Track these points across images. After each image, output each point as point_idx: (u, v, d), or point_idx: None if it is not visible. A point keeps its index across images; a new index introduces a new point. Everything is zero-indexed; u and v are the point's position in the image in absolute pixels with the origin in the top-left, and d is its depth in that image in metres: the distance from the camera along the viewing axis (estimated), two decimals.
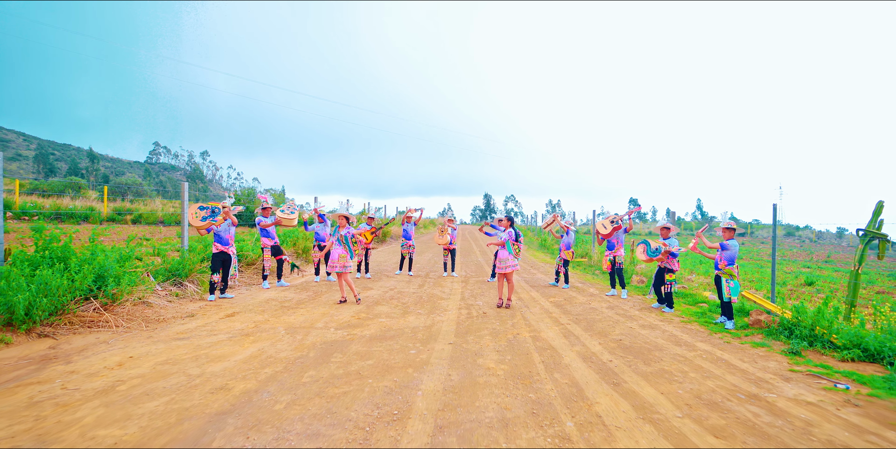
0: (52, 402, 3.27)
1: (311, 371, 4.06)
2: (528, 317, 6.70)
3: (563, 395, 3.69)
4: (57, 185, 32.52)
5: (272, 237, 8.47)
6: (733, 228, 6.65)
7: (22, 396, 3.35)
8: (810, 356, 5.16)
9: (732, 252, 6.43)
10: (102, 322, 5.46)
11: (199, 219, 6.99)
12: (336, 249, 7.18)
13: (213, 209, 7.08)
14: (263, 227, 8.38)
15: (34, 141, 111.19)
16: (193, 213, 7.04)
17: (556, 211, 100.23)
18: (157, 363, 4.16)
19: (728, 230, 6.63)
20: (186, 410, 3.19)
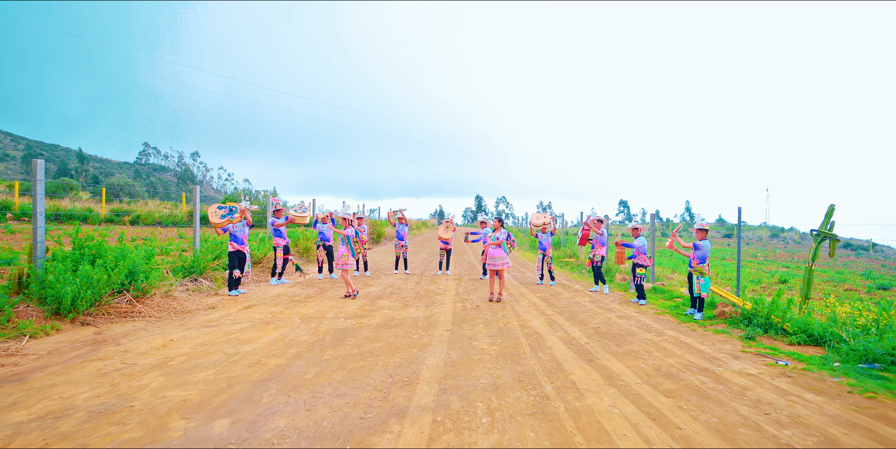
0: (118, 373, 3.91)
1: (329, 351, 4.73)
2: (517, 309, 7.41)
3: (545, 368, 4.39)
4: (49, 186, 32.66)
5: (284, 237, 9.11)
6: (705, 230, 7.40)
7: (91, 369, 3.99)
8: (763, 341, 5.91)
9: (704, 252, 7.18)
10: (135, 313, 6.07)
11: (219, 217, 7.61)
12: (340, 248, 7.84)
13: (231, 208, 7.71)
14: (276, 226, 9.04)
15: (22, 141, 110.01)
16: (213, 211, 7.66)
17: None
18: (196, 345, 4.80)
19: (701, 231, 7.38)
20: (233, 378, 3.85)
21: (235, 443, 2.74)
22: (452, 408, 3.36)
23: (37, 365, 4.09)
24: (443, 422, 3.12)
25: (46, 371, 3.92)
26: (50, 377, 3.77)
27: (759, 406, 3.60)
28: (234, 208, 7.76)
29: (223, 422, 3.01)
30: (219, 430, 2.90)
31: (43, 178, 6.10)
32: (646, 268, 8.35)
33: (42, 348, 4.58)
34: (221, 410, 3.19)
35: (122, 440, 2.73)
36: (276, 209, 9.16)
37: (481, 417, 3.21)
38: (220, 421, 3.03)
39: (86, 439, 2.73)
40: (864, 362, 4.91)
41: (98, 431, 2.85)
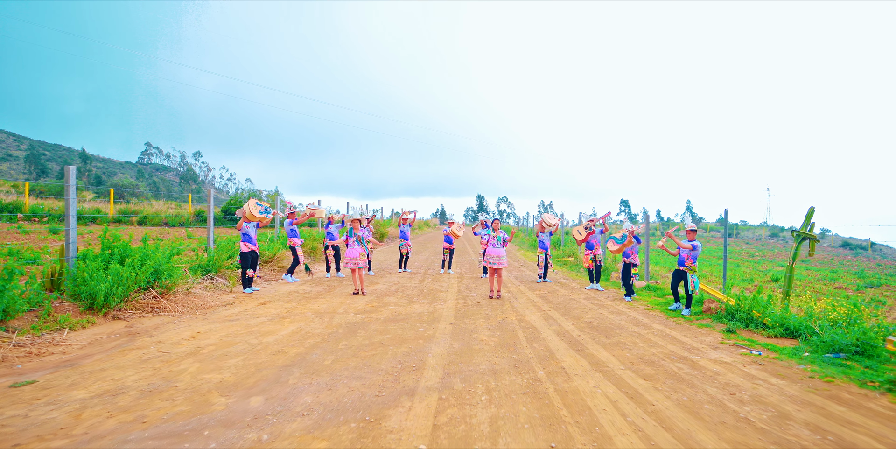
0: (157, 359, 4.39)
1: (343, 341, 5.20)
2: (515, 305, 7.88)
3: (539, 356, 4.86)
4: (53, 186, 33.19)
5: (298, 237, 9.62)
6: (695, 230, 7.89)
7: (132, 356, 4.46)
8: (743, 334, 6.38)
9: (698, 251, 7.66)
10: (160, 308, 6.55)
11: (257, 212, 8.20)
12: (355, 248, 8.32)
13: (267, 208, 8.31)
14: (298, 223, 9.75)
15: (25, 141, 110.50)
16: (252, 206, 8.25)
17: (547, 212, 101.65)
18: (222, 336, 5.27)
19: (691, 232, 7.87)
20: (260, 364, 4.32)
21: (272, 414, 3.21)
22: (455, 388, 3.83)
23: (82, 353, 4.57)
24: (447, 399, 3.59)
25: (92, 358, 4.40)
26: (97, 363, 4.25)
27: (727, 388, 4.06)
28: (268, 208, 8.35)
29: (258, 398, 3.49)
30: (255, 404, 3.38)
31: (75, 183, 6.58)
32: (637, 266, 8.83)
33: (82, 339, 5.05)
34: (254, 390, 3.67)
35: (174, 412, 3.21)
36: (291, 211, 9.69)
37: (480, 396, 3.68)
38: (255, 398, 3.50)
39: (143, 411, 3.20)
40: (831, 352, 5.37)
41: (152, 405, 3.32)
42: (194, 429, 2.96)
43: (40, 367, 4.13)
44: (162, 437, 2.84)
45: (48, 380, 3.78)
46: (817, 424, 3.37)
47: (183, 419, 3.09)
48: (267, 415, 3.20)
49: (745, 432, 3.18)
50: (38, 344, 4.70)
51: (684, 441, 3.01)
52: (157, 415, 3.15)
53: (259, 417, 3.15)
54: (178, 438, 2.83)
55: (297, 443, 2.81)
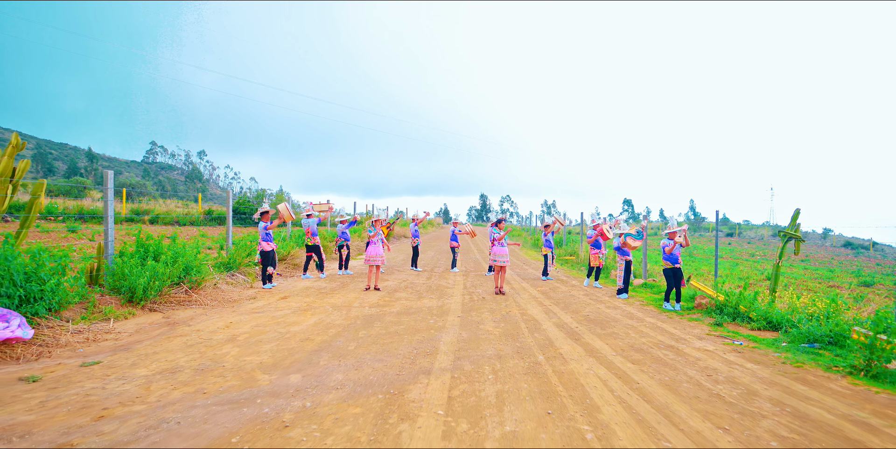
0: (200, 345, 4.95)
1: (362, 331, 5.75)
2: (518, 301, 8.42)
3: (539, 344, 5.41)
4: (62, 186, 33.89)
5: (316, 236, 10.24)
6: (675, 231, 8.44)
7: (178, 342, 5.03)
8: (729, 327, 6.90)
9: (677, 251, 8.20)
10: (191, 301, 7.12)
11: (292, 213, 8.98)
12: (375, 246, 8.91)
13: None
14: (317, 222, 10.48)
15: (32, 140, 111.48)
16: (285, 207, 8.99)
17: (551, 212, 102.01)
18: (253, 326, 5.84)
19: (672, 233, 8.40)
20: (292, 348, 4.88)
21: (310, 388, 3.76)
22: (465, 369, 4.38)
23: (132, 340, 5.13)
24: (459, 377, 4.13)
25: (143, 344, 4.96)
26: (149, 348, 4.81)
27: (705, 371, 4.59)
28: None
29: (296, 376, 4.04)
30: (294, 380, 3.93)
31: (112, 186, 7.15)
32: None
33: (128, 328, 5.62)
34: (291, 369, 4.22)
35: (227, 386, 3.76)
36: (309, 214, 10.30)
37: (487, 375, 4.23)
38: (294, 375, 4.06)
39: (201, 385, 3.76)
40: (806, 342, 5.89)
41: (207, 380, 3.88)
42: (248, 398, 3.51)
43: (99, 351, 4.69)
44: (222, 404, 3.40)
45: (111, 361, 4.34)
46: (780, 399, 3.90)
47: (236, 391, 3.65)
48: (306, 388, 3.75)
49: (715, 405, 3.71)
50: (92, 331, 5.28)
51: (661, 410, 3.54)
52: (214, 387, 3.71)
53: (300, 390, 3.71)
54: (236, 404, 3.39)
55: (335, 410, 3.36)
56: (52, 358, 4.40)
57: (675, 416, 3.46)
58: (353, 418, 3.22)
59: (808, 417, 3.52)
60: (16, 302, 4.93)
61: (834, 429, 3.33)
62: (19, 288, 4.97)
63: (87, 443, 2.76)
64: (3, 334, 4.36)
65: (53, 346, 4.72)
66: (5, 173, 5.82)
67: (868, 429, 3.35)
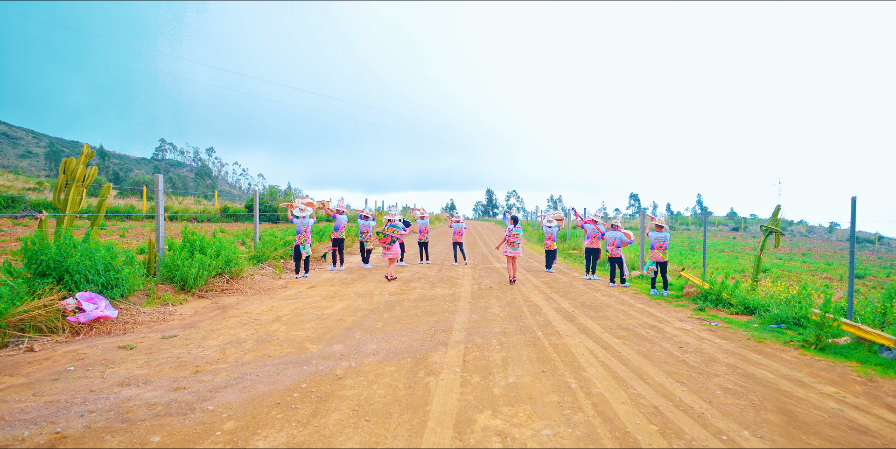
0: (252, 324, 5.89)
1: (386, 314, 6.67)
2: (522, 290, 9.30)
3: (539, 324, 6.30)
4: None
5: (337, 230, 11.18)
6: (661, 225, 9.35)
7: (233, 322, 5.97)
8: (711, 311, 7.74)
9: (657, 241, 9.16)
10: (232, 290, 8.07)
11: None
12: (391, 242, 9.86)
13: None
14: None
15: (44, 138, 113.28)
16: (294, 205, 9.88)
17: (557, 207, 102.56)
18: (292, 309, 6.77)
19: (658, 227, 9.31)
20: (329, 326, 5.80)
21: (352, 354, 4.68)
22: (476, 342, 5.28)
23: (194, 320, 6.08)
24: (471, 348, 5.03)
25: (204, 323, 5.90)
26: (211, 325, 5.75)
27: (678, 345, 5.46)
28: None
29: (338, 346, 4.96)
30: (338, 349, 4.85)
31: (163, 189, 8.10)
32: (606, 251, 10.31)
33: (186, 311, 6.57)
34: (333, 341, 5.14)
35: (285, 352, 4.69)
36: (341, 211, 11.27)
37: (495, 346, 5.12)
38: (336, 345, 4.97)
39: (265, 351, 4.69)
40: (775, 324, 6.73)
41: (268, 348, 4.81)
42: (304, 360, 4.43)
43: (170, 328, 5.64)
44: (286, 364, 4.32)
45: (185, 335, 5.29)
46: (734, 364, 4.76)
47: (294, 355, 4.58)
48: (349, 354, 4.67)
49: (679, 367, 4.58)
50: (159, 313, 6.23)
51: (634, 371, 4.42)
52: (276, 353, 4.64)
53: (344, 355, 4.62)
54: (296, 364, 4.31)
55: (375, 368, 4.28)
56: (135, 333, 5.35)
57: (644, 374, 4.33)
58: (391, 374, 4.13)
59: (752, 377, 4.39)
60: (99, 288, 5.88)
61: (771, 384, 4.20)
62: (101, 276, 5.92)
63: (194, 387, 3.69)
64: (95, 313, 5.31)
65: (133, 324, 5.67)
66: (80, 179, 6.76)
67: (799, 384, 4.21)
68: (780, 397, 3.87)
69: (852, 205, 6.24)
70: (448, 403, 3.52)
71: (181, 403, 3.39)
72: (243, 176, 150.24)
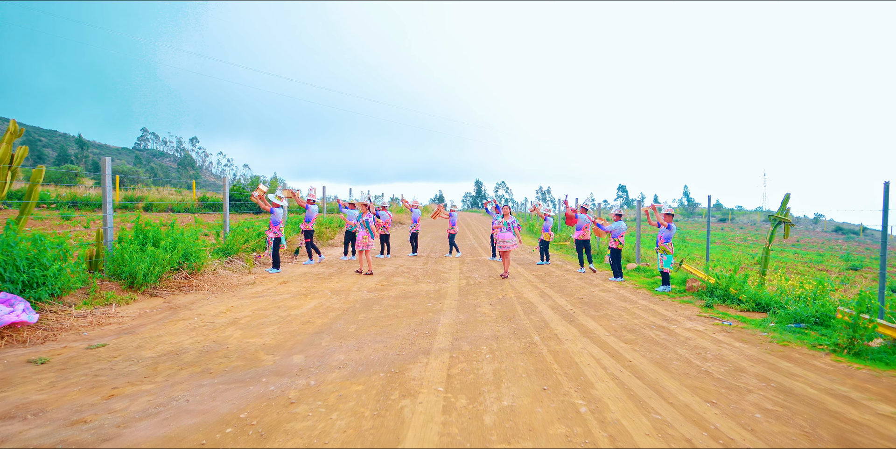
0: (203, 328, 5.05)
1: (362, 314, 5.87)
2: (514, 285, 8.56)
3: (535, 325, 5.55)
4: (53, 173, 33.52)
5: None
6: (672, 214, 8.56)
7: (181, 326, 5.12)
8: (719, 308, 7.07)
9: (671, 233, 8.34)
10: (191, 287, 7.20)
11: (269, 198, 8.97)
12: (360, 232, 8.97)
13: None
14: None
15: (20, 127, 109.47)
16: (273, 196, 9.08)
17: (546, 198, 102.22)
18: (254, 310, 5.93)
19: (668, 215, 8.53)
20: (293, 331, 4.99)
21: (313, 367, 3.88)
22: (464, 349, 4.51)
23: (135, 324, 5.22)
24: (457, 357, 4.27)
25: (146, 327, 5.05)
26: (152, 331, 4.91)
27: (695, 350, 4.75)
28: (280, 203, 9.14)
29: (299, 356, 4.16)
30: (297, 361, 4.05)
31: (110, 173, 7.15)
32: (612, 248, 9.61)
33: (131, 312, 5.71)
34: (294, 350, 4.34)
35: (232, 366, 3.87)
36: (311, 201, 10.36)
37: (485, 355, 4.36)
38: (297, 356, 4.17)
39: (207, 365, 3.87)
40: (793, 322, 6.07)
41: (213, 361, 3.99)
42: (253, 377, 3.63)
43: (103, 334, 4.78)
44: (229, 383, 3.51)
45: (116, 343, 4.44)
46: (765, 375, 4.06)
47: (242, 371, 3.76)
48: (310, 368, 3.87)
49: (704, 380, 3.86)
50: (95, 316, 5.35)
51: (652, 386, 3.69)
52: (220, 368, 3.82)
53: (304, 369, 3.82)
54: (242, 383, 3.50)
55: (338, 387, 3.48)
56: (57, 341, 4.49)
57: (665, 391, 3.61)
58: (357, 395, 3.34)
59: (791, 392, 3.69)
60: (19, 287, 4.99)
61: (816, 402, 3.50)
62: (22, 273, 5.02)
63: (99, 419, 2.87)
64: (8, 318, 4.43)
65: (58, 330, 4.80)
66: (4, 160, 5.81)
67: (848, 402, 3.52)
68: (833, 421, 3.17)
69: (885, 191, 5.56)
70: (426, 439, 2.75)
71: (73, 445, 2.57)
72: (228, 166, 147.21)
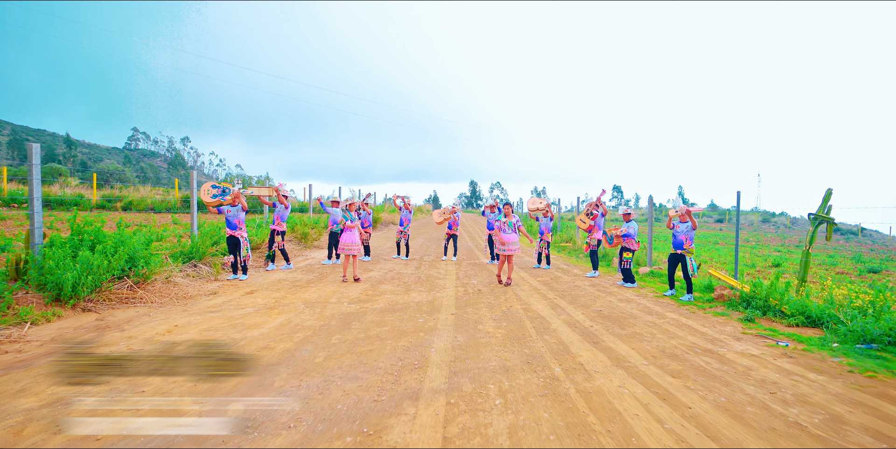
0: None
1: (336, 335, 4.73)
2: (518, 293, 7.44)
3: (552, 350, 4.43)
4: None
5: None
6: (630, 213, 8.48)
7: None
8: (762, 323, 5.99)
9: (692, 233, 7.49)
10: (136, 299, 6.03)
11: (210, 196, 7.61)
12: (351, 234, 7.84)
13: (224, 189, 7.67)
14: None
15: (7, 126, 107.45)
16: (206, 190, 7.65)
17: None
18: (201, 330, 4.78)
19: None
20: (241, 363, 3.84)
21: (252, 427, 2.74)
22: (465, 390, 3.38)
23: (42, 352, 4.05)
24: (456, 404, 3.14)
25: (52, 358, 3.89)
26: (55, 365, 3.74)
27: (765, 386, 3.65)
28: (227, 190, 7.75)
29: (237, 406, 3.01)
30: (233, 414, 2.90)
31: (39, 162, 5.98)
32: (633, 252, 8.53)
33: (45, 335, 4.54)
34: (233, 395, 3.19)
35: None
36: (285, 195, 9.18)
37: (494, 399, 3.23)
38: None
39: (99, 426, 2.72)
40: (861, 343, 4.99)
41: (111, 415, 2.84)
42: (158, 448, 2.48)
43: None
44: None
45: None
46: (876, 428, 2.97)
47: (141, 439, 2.61)
48: (246, 428, 2.73)
49: (801, 441, 2.76)
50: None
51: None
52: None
53: (233, 435, 2.68)
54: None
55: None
56: None
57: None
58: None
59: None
60: None
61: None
62: None
63: None
64: None
65: None
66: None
67: None
68: None
69: None
70: None
71: None
72: (220, 166, 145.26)
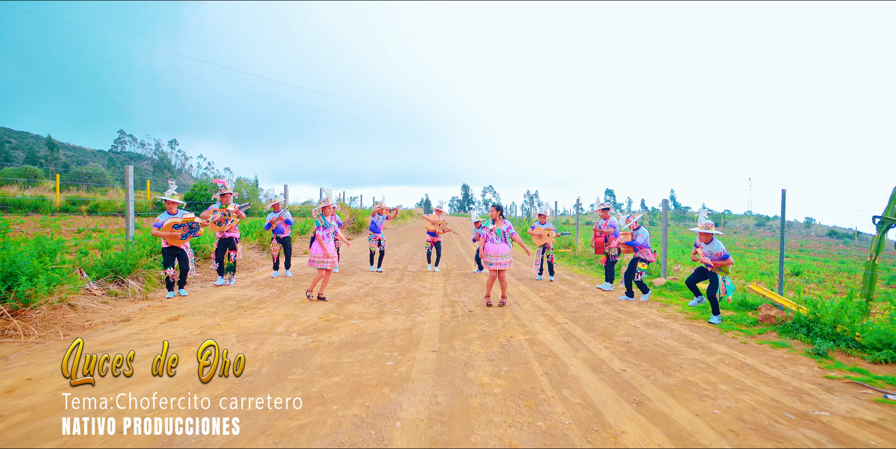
0: None
1: (260, 395, 3.21)
2: (519, 315, 5.97)
3: (579, 421, 2.95)
4: (9, 173, 30.22)
5: None
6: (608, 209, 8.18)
7: None
8: (838, 358, 4.57)
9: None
10: (8, 330, 4.47)
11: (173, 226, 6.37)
12: (327, 242, 6.35)
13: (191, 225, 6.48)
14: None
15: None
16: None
17: (533, 202, 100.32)
18: (60, 389, 3.24)
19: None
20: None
21: None
22: None
23: None
24: None
25: None
26: None
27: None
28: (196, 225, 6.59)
29: None
30: None
31: None
32: (648, 262, 7.14)
33: None
34: None
35: None
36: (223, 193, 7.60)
37: None
38: None
39: None
40: None
41: None
42: None
43: None
44: None
45: None
46: None
47: None
48: None
49: None
50: None
51: None
52: None
53: None
54: None
55: None
56: None
57: None
58: None
59: None
60: None
61: None
62: None
63: None
64: None
65: None
66: None
67: None
68: None
69: None
70: None
71: None
72: (209, 169, 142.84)
